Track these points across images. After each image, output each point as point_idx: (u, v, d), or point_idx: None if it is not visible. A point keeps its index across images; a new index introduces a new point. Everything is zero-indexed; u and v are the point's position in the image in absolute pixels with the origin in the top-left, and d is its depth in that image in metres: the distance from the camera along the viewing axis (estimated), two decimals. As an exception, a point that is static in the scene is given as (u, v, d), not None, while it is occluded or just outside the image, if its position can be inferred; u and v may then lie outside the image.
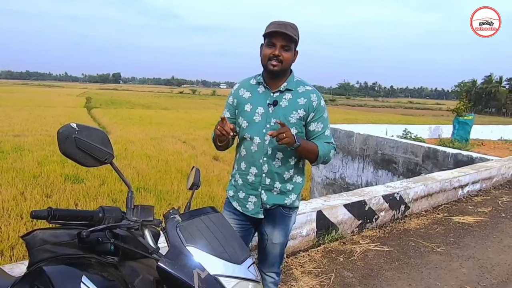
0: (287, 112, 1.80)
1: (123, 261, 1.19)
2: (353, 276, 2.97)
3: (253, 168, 1.85)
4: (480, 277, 3.07)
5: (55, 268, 1.10)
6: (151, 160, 11.84)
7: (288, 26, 1.73)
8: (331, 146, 1.87)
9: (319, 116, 1.85)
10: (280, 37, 1.72)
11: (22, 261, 2.30)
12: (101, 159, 1.18)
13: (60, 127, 1.14)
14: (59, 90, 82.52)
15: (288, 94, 1.82)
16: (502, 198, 5.45)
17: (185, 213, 1.21)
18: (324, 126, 1.87)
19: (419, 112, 62.97)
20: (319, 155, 1.81)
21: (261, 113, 1.82)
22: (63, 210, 1.10)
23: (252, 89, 1.88)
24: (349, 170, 9.66)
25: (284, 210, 1.92)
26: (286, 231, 1.98)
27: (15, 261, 4.84)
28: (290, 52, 1.76)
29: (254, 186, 1.87)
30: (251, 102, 1.85)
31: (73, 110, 29.82)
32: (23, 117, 21.57)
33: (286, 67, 1.78)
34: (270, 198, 1.87)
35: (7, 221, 6.19)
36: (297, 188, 1.94)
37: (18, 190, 7.91)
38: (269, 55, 1.74)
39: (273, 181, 1.85)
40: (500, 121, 34.34)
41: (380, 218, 4.13)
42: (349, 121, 26.42)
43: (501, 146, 11.64)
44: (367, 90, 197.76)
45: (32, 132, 15.99)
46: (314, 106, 1.83)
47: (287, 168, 1.86)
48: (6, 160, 10.58)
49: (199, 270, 1.01)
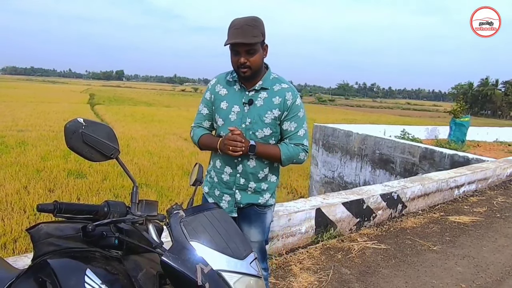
0: (262, 111, 1.76)
1: (127, 255, 1.18)
2: (351, 273, 2.97)
3: (228, 168, 1.81)
4: (475, 275, 3.07)
5: (60, 261, 1.09)
6: (153, 156, 11.85)
7: (247, 29, 1.64)
8: (299, 148, 1.80)
9: (292, 115, 1.79)
10: (241, 45, 1.66)
11: (25, 253, 2.30)
12: (107, 154, 1.17)
13: (67, 122, 1.13)
14: (63, 86, 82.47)
15: (264, 93, 1.78)
16: (497, 198, 5.45)
17: (188, 208, 1.20)
18: (297, 126, 1.80)
19: (417, 113, 62.98)
20: (282, 160, 1.78)
21: (236, 112, 1.78)
22: (68, 204, 1.09)
23: (229, 86, 1.83)
24: (347, 169, 9.66)
25: (258, 208, 1.88)
26: (263, 228, 1.93)
27: (18, 253, 4.84)
28: (257, 54, 1.69)
29: (228, 185, 1.83)
30: (227, 100, 1.81)
31: (76, 106, 29.79)
32: (27, 112, 21.57)
33: (257, 69, 1.73)
34: (244, 197, 1.84)
35: (10, 215, 6.20)
36: (271, 187, 1.90)
37: (22, 184, 7.91)
38: (236, 63, 1.70)
39: (247, 181, 1.81)
40: (495, 123, 34.35)
41: (377, 217, 4.13)
42: (348, 121, 26.42)
43: (496, 147, 11.66)
44: (365, 91, 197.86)
45: (36, 128, 15.99)
46: (288, 104, 1.77)
47: (261, 167, 1.81)
48: (10, 155, 10.58)
49: (202, 265, 1.01)
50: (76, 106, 29.41)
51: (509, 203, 5.27)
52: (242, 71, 1.71)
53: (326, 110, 53.15)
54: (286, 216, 3.20)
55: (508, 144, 12.87)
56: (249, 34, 1.64)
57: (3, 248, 5.13)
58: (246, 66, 1.69)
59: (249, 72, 1.71)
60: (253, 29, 1.65)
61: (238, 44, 1.66)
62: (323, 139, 10.42)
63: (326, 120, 25.79)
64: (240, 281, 1.03)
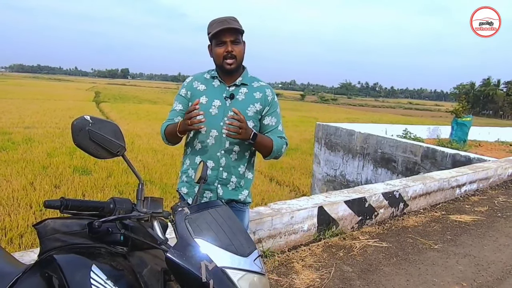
0: (244, 105, 1.77)
1: (132, 251, 1.18)
2: (353, 270, 2.97)
3: (210, 162, 1.77)
4: (476, 274, 3.05)
5: (66, 256, 1.10)
6: (157, 154, 11.87)
7: (231, 20, 1.70)
8: (283, 141, 1.85)
9: (273, 110, 1.84)
10: (227, 33, 1.68)
11: (31, 249, 2.31)
12: (113, 151, 1.17)
13: (74, 119, 1.14)
14: (69, 84, 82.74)
15: (244, 89, 1.80)
16: (498, 198, 5.42)
17: (193, 205, 1.20)
18: (277, 121, 1.86)
19: (419, 113, 62.74)
20: (273, 150, 1.79)
21: (217, 106, 1.77)
22: (75, 201, 1.10)
23: (207, 83, 1.82)
24: (349, 168, 9.64)
25: (238, 205, 1.86)
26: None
27: (24, 248, 4.87)
28: (241, 44, 1.74)
29: (210, 180, 1.78)
30: (206, 95, 1.79)
31: (82, 103, 29.89)
32: (33, 109, 21.66)
33: (241, 61, 1.76)
34: (225, 193, 1.81)
35: (16, 210, 6.23)
36: (247, 184, 1.88)
37: (28, 180, 7.95)
38: (222, 53, 1.71)
39: (229, 175, 1.80)
40: (497, 123, 34.16)
41: (379, 215, 4.12)
42: (350, 120, 26.36)
43: (498, 147, 11.59)
44: (368, 90, 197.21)
45: (42, 125, 16.06)
46: (269, 100, 1.83)
47: (242, 162, 1.82)
48: (17, 151, 10.63)
49: (206, 261, 1.00)
50: (82, 104, 29.51)
51: (510, 202, 5.24)
52: (228, 62, 1.72)
53: (329, 109, 53.06)
54: (289, 214, 3.20)
55: (509, 144, 12.79)
56: (234, 23, 1.69)
57: (10, 243, 5.16)
58: (232, 56, 1.71)
59: (234, 64, 1.73)
60: (236, 21, 1.71)
61: (225, 33, 1.68)
62: (326, 138, 10.41)
63: (329, 119, 25.75)
64: (244, 278, 1.02)
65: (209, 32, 1.72)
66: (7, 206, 6.41)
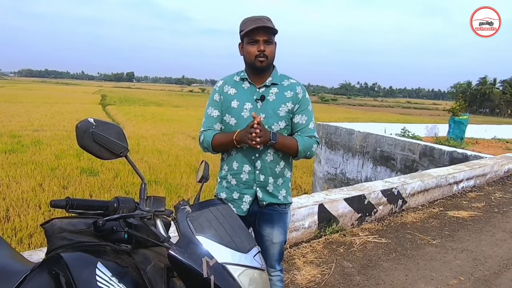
0: (275, 105, 1.71)
1: (136, 249, 1.19)
2: (353, 266, 2.97)
3: (246, 166, 1.73)
4: (474, 268, 3.05)
5: (72, 254, 1.10)
6: (162, 155, 11.88)
7: (265, 20, 1.64)
8: (313, 140, 1.75)
9: (303, 108, 1.76)
10: (261, 32, 1.63)
11: (40, 248, 2.32)
12: (116, 152, 1.18)
13: (78, 122, 1.14)
14: (76, 87, 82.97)
15: (274, 88, 1.74)
16: (495, 194, 5.40)
17: (194, 204, 1.20)
18: (308, 119, 1.76)
19: (417, 112, 62.51)
20: (299, 150, 1.71)
21: (249, 109, 1.71)
22: (80, 200, 1.10)
23: (237, 86, 1.77)
24: (349, 166, 9.62)
25: (280, 208, 1.81)
26: (285, 229, 1.86)
27: (33, 248, 4.89)
28: (273, 44, 1.68)
29: (248, 184, 1.75)
30: (237, 98, 1.73)
31: (89, 107, 29.98)
32: (42, 113, 21.75)
33: (272, 61, 1.71)
34: (265, 195, 1.76)
35: (26, 211, 6.25)
36: (286, 183, 1.83)
37: (37, 182, 7.98)
38: (255, 52, 1.65)
39: (267, 177, 1.74)
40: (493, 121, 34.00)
41: (378, 212, 4.11)
42: (350, 119, 26.31)
43: (494, 144, 11.54)
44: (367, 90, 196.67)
45: (50, 127, 16.12)
46: (300, 98, 1.75)
47: (277, 161, 1.76)
48: (26, 154, 10.67)
49: (207, 258, 1.01)
50: (89, 107, 29.61)
51: (507, 198, 5.22)
52: (259, 60, 1.66)
53: (329, 109, 52.95)
54: (290, 212, 3.20)
55: (506, 141, 12.73)
56: (269, 23, 1.64)
57: (20, 242, 5.18)
58: (264, 55, 1.65)
59: (265, 63, 1.67)
60: (270, 21, 1.67)
61: (259, 32, 1.63)
62: (326, 137, 10.39)
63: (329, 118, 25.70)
64: (244, 274, 1.03)
65: (242, 30, 1.67)
66: (17, 207, 6.44)
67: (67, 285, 1.03)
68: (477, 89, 73.25)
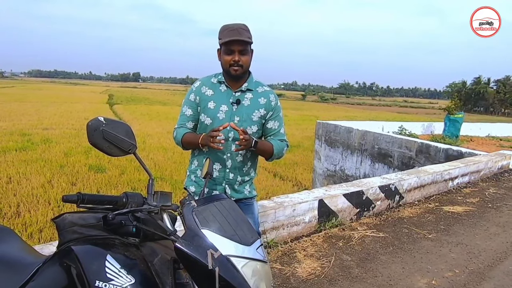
0: (249, 110, 1.77)
1: (144, 242, 1.20)
2: (351, 259, 2.97)
3: (217, 164, 1.79)
4: (468, 261, 3.05)
5: (83, 247, 1.11)
6: (167, 152, 11.90)
7: (241, 30, 1.67)
8: (284, 143, 1.87)
9: (276, 115, 1.85)
10: (236, 44, 1.67)
11: (50, 242, 2.34)
12: (125, 149, 1.19)
13: (89, 120, 1.16)
14: (84, 87, 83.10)
15: (249, 94, 1.79)
16: (489, 190, 5.39)
17: (199, 199, 1.21)
18: (279, 124, 1.87)
19: (413, 111, 62.31)
20: (274, 153, 1.81)
21: (225, 111, 1.76)
22: (90, 195, 1.11)
23: (214, 87, 1.81)
24: (348, 163, 9.62)
25: (246, 201, 1.88)
26: (254, 220, 1.89)
27: (43, 242, 4.91)
28: (248, 54, 1.72)
29: (218, 181, 1.81)
30: (214, 100, 1.78)
31: (96, 106, 30.01)
32: (51, 112, 21.80)
33: (247, 69, 1.75)
34: (233, 192, 1.83)
35: (36, 207, 6.28)
36: (251, 180, 1.92)
37: (46, 178, 8.01)
38: (229, 61, 1.70)
39: (235, 176, 1.82)
40: (488, 119, 33.88)
41: (376, 207, 4.11)
42: (349, 118, 26.25)
43: (488, 142, 11.51)
44: (365, 89, 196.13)
45: (59, 126, 16.16)
46: (273, 105, 1.83)
47: (246, 162, 1.84)
48: (36, 151, 10.71)
49: (212, 250, 1.02)
50: (96, 106, 29.64)
51: (500, 194, 5.21)
52: (234, 69, 1.70)
53: (328, 108, 52.88)
54: (291, 207, 3.21)
55: (499, 138, 12.69)
56: (244, 34, 1.68)
57: (30, 237, 5.21)
58: (238, 65, 1.70)
59: (240, 71, 1.71)
60: (246, 32, 1.69)
61: (234, 43, 1.66)
62: (326, 135, 10.39)
63: (328, 117, 25.66)
64: (247, 265, 1.04)
65: (220, 38, 1.71)
66: (27, 202, 6.47)
67: (78, 276, 1.04)
68: (471, 89, 72.93)
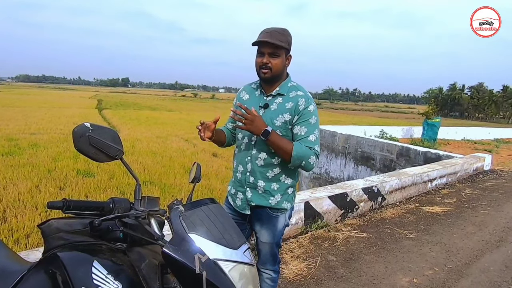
0: (274, 115, 1.69)
1: (131, 247, 1.17)
2: (337, 259, 2.98)
3: (240, 166, 1.77)
4: (447, 259, 3.10)
5: (69, 254, 1.08)
6: (156, 156, 11.75)
7: (275, 33, 1.62)
8: (311, 151, 1.63)
9: (303, 120, 1.66)
10: (266, 46, 1.61)
11: (36, 248, 2.26)
12: (112, 155, 1.16)
13: (75, 126, 1.12)
14: (73, 92, 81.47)
15: (279, 99, 1.70)
16: (465, 190, 5.51)
17: (187, 203, 1.19)
18: (308, 131, 1.65)
19: (394, 115, 63.36)
20: (293, 155, 1.59)
21: None
22: (76, 201, 1.08)
23: (251, 92, 1.81)
24: (332, 166, 9.70)
25: (270, 211, 1.76)
26: (274, 232, 1.80)
27: (30, 248, 4.76)
28: (279, 58, 1.64)
29: (241, 183, 1.78)
30: (247, 104, 1.76)
31: (85, 111, 29.45)
32: (39, 117, 21.26)
33: (277, 73, 1.66)
34: (254, 196, 1.75)
35: (23, 212, 6.08)
36: (282, 189, 1.75)
37: (34, 183, 7.78)
38: (259, 63, 1.65)
39: (256, 180, 1.72)
40: (463, 123, 34.74)
41: (360, 208, 4.14)
42: (333, 122, 26.51)
43: (464, 145, 11.79)
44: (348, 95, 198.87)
45: (47, 131, 15.76)
46: (300, 110, 1.66)
47: (270, 167, 1.71)
48: (23, 156, 10.41)
49: (200, 254, 1.00)
50: (85, 111, 29.09)
51: (476, 194, 5.33)
52: (262, 71, 1.65)
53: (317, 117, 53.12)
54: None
55: (474, 142, 13.03)
56: (276, 38, 1.61)
57: (17, 243, 5.04)
58: (267, 67, 1.64)
59: (269, 74, 1.65)
60: (280, 35, 1.63)
61: (264, 45, 1.62)
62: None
63: (313, 121, 25.75)
64: (234, 269, 1.02)
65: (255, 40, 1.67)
66: (14, 208, 6.27)
67: (63, 283, 1.01)
68: (447, 95, 74.82)
